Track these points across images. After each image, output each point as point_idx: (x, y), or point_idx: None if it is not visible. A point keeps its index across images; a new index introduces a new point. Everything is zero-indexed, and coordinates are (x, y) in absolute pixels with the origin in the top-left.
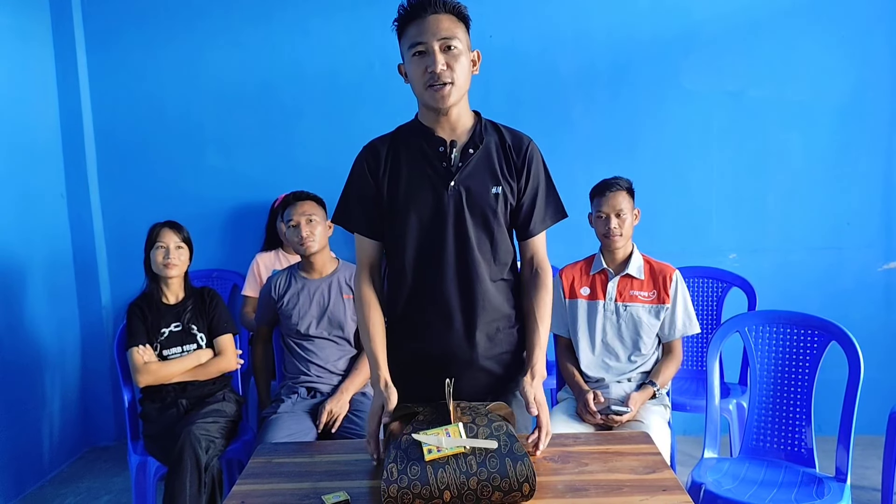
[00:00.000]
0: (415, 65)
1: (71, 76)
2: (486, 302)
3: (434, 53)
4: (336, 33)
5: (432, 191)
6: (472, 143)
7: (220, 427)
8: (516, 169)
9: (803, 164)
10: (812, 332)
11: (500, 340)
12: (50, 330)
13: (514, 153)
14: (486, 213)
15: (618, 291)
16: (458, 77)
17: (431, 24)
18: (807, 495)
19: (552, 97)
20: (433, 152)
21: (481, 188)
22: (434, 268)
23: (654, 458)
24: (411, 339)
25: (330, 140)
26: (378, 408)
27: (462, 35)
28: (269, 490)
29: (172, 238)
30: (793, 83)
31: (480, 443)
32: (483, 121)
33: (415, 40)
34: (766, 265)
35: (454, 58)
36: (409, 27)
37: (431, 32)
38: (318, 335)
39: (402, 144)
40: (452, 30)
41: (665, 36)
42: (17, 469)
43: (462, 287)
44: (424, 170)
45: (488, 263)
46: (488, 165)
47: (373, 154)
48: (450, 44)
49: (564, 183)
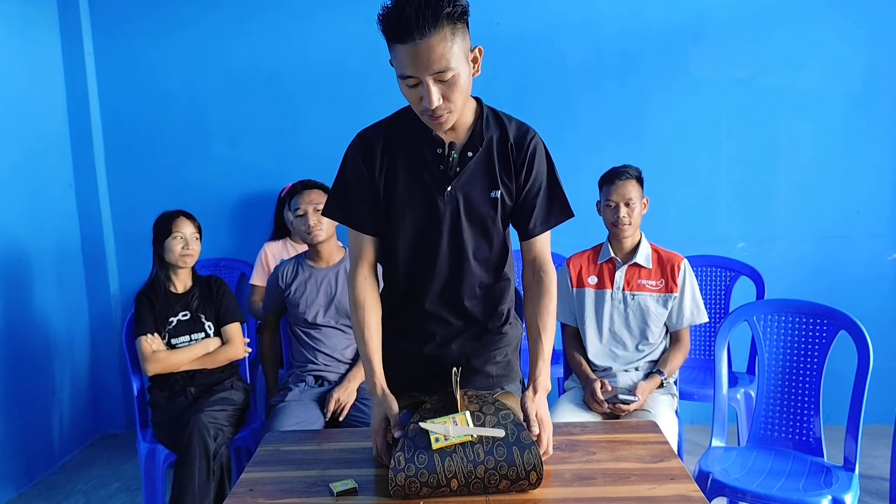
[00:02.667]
0: (407, 91)
1: (78, 66)
2: (478, 304)
3: (428, 88)
4: (342, 21)
5: (428, 196)
6: (472, 145)
7: (229, 415)
8: (516, 167)
9: (813, 152)
10: (821, 321)
11: (489, 340)
12: (59, 319)
13: (515, 150)
14: (484, 219)
15: (625, 280)
16: (456, 104)
17: (423, 55)
18: (815, 485)
19: (560, 85)
20: (430, 155)
21: (479, 194)
22: (425, 273)
23: (661, 447)
24: (402, 339)
25: (336, 129)
26: (380, 421)
27: (458, 48)
28: (278, 478)
29: (190, 228)
30: (803, 70)
31: (488, 431)
32: (485, 112)
33: (404, 72)
34: (774, 254)
35: (450, 87)
36: (397, 48)
37: (423, 66)
38: (326, 324)
39: (398, 142)
40: (446, 56)
41: (674, 23)
42: (28, 456)
43: (454, 290)
44: (421, 173)
45: (484, 270)
46: (487, 168)
47: (368, 148)
48: (444, 76)
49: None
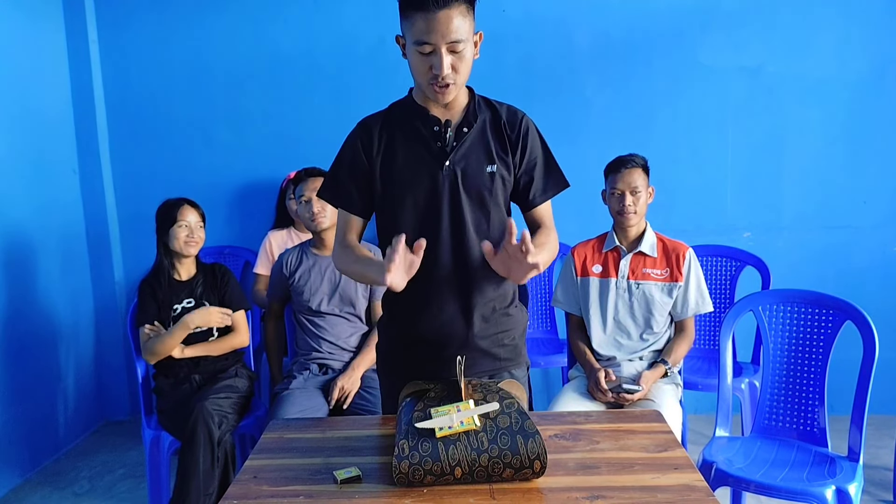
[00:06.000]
0: (418, 59)
1: (82, 53)
2: (482, 282)
3: (441, 56)
4: (347, 9)
5: (427, 172)
6: (466, 122)
7: (233, 402)
8: (511, 143)
9: (820, 141)
10: (826, 311)
11: (496, 321)
12: (64, 305)
13: (508, 128)
14: (482, 192)
15: (630, 269)
16: (461, 77)
17: (441, 23)
18: (819, 475)
19: (567, 72)
20: (428, 132)
21: (476, 167)
22: (429, 250)
23: (665, 437)
24: (406, 322)
25: (340, 117)
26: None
27: (468, 26)
28: (282, 465)
29: (195, 216)
30: (812, 59)
31: (483, 408)
32: (476, 97)
33: (421, 38)
34: (780, 244)
35: (460, 59)
36: (416, 16)
37: (441, 34)
38: (330, 311)
39: (396, 123)
40: (461, 28)
41: (682, 10)
42: (32, 442)
43: (457, 268)
44: (419, 150)
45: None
46: (483, 143)
47: (366, 132)
48: (458, 47)
49: (578, 159)
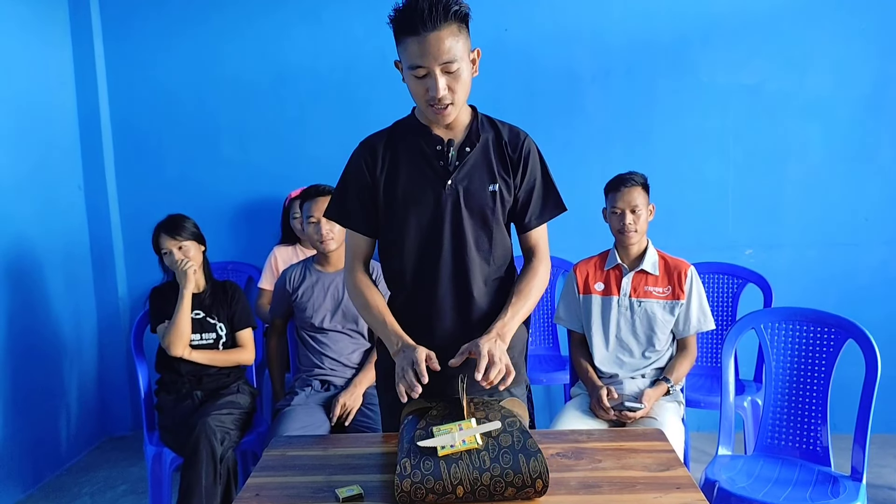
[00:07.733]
0: (414, 82)
1: (88, 69)
2: (480, 301)
3: (436, 78)
4: (351, 25)
5: (430, 190)
6: (469, 141)
7: (235, 419)
8: (512, 164)
9: (821, 158)
10: (828, 329)
11: None
12: (67, 321)
13: (510, 148)
14: (484, 211)
15: (632, 287)
16: (459, 97)
17: (432, 46)
18: (822, 494)
19: (568, 90)
20: (431, 151)
21: (479, 186)
22: (431, 268)
23: (667, 456)
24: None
25: (345, 133)
26: (409, 363)
27: (462, 45)
28: (284, 483)
29: (175, 242)
30: (812, 76)
31: (485, 427)
32: (479, 116)
33: (415, 62)
34: (782, 261)
35: (456, 79)
36: (408, 41)
37: (433, 56)
38: (333, 328)
39: (399, 142)
40: (454, 49)
41: (683, 27)
42: (35, 458)
43: (458, 286)
44: (422, 169)
45: (486, 263)
46: (485, 162)
47: (370, 151)
48: (451, 68)
49: (579, 177)
